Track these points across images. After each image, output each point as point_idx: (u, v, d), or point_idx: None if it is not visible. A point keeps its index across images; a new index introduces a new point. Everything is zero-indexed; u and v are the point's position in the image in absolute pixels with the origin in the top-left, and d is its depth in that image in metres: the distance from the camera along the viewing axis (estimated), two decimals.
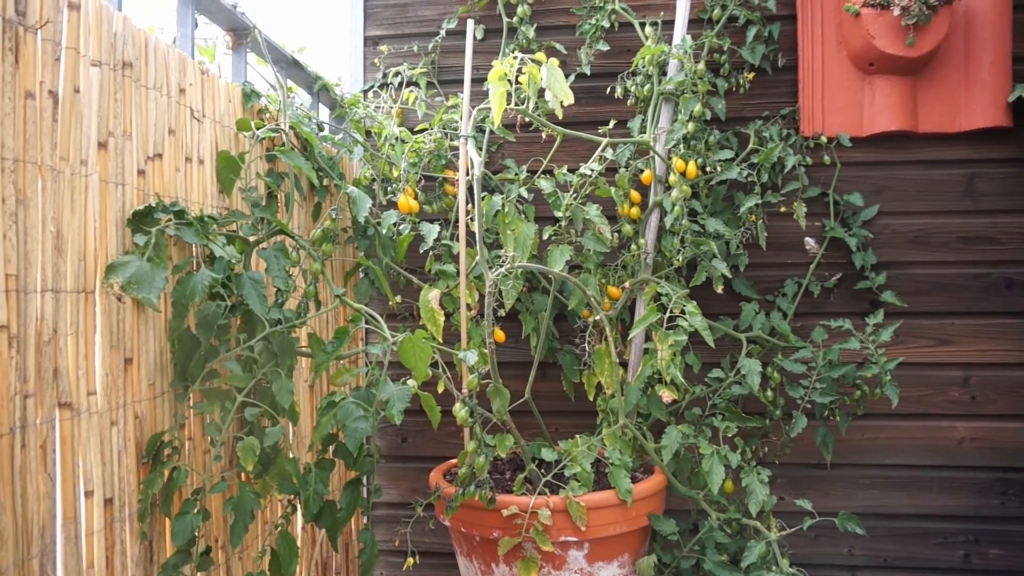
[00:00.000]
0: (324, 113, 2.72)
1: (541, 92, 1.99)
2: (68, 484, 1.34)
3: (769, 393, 2.47)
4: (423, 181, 2.69)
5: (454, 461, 2.42)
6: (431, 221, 2.51)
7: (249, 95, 2.01)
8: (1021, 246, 2.52)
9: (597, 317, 2.31)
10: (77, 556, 1.35)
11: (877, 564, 2.58)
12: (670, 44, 2.51)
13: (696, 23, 2.64)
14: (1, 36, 1.21)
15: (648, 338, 2.39)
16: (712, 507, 2.22)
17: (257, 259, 1.90)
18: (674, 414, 2.41)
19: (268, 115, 2.09)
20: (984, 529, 2.54)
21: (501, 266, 2.11)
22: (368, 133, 2.67)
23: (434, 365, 1.89)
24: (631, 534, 2.09)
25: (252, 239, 1.83)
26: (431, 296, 2.28)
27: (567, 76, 2.64)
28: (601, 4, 2.71)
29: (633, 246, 2.44)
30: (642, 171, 2.49)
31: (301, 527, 2.23)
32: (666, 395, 2.19)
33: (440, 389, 2.20)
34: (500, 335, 2.43)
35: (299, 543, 2.04)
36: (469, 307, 2.33)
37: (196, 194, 1.78)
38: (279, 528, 1.85)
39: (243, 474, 1.82)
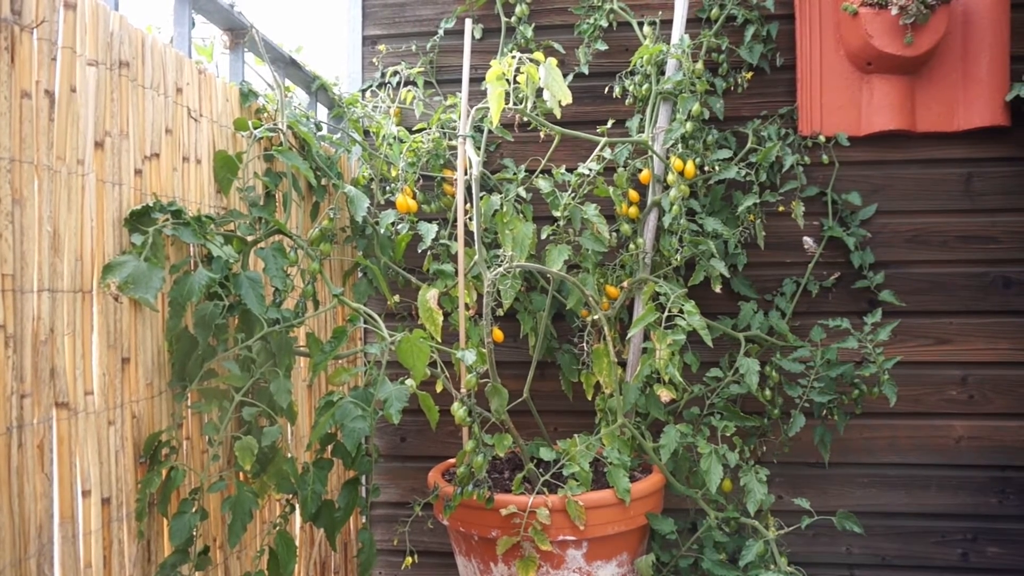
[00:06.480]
0: (322, 112, 2.72)
1: (539, 92, 1.98)
2: (65, 484, 1.34)
3: (767, 392, 2.47)
4: (421, 181, 2.69)
5: (453, 461, 2.42)
6: (429, 221, 2.51)
7: (247, 95, 2.01)
8: (1019, 245, 2.52)
9: (595, 317, 2.31)
10: (75, 556, 1.35)
11: (875, 563, 2.59)
12: (668, 43, 2.51)
13: (694, 22, 2.64)
14: None
15: (646, 337, 2.39)
16: (710, 506, 2.23)
17: (255, 259, 1.90)
18: (672, 413, 2.41)
19: (266, 115, 2.09)
20: (982, 527, 2.54)
21: (499, 266, 2.11)
22: (366, 133, 2.66)
23: (432, 365, 1.89)
24: (629, 533, 2.09)
25: (250, 239, 1.83)
26: (429, 296, 2.28)
27: (565, 75, 2.64)
28: (599, 3, 2.70)
29: (631, 245, 2.44)
30: (640, 170, 2.49)
31: (299, 526, 2.23)
32: (664, 394, 2.19)
33: (438, 389, 2.20)
34: (498, 335, 2.43)
35: (297, 542, 2.04)
36: (467, 307, 2.33)
37: (193, 194, 1.77)
38: (277, 527, 1.85)
39: (241, 473, 1.82)
